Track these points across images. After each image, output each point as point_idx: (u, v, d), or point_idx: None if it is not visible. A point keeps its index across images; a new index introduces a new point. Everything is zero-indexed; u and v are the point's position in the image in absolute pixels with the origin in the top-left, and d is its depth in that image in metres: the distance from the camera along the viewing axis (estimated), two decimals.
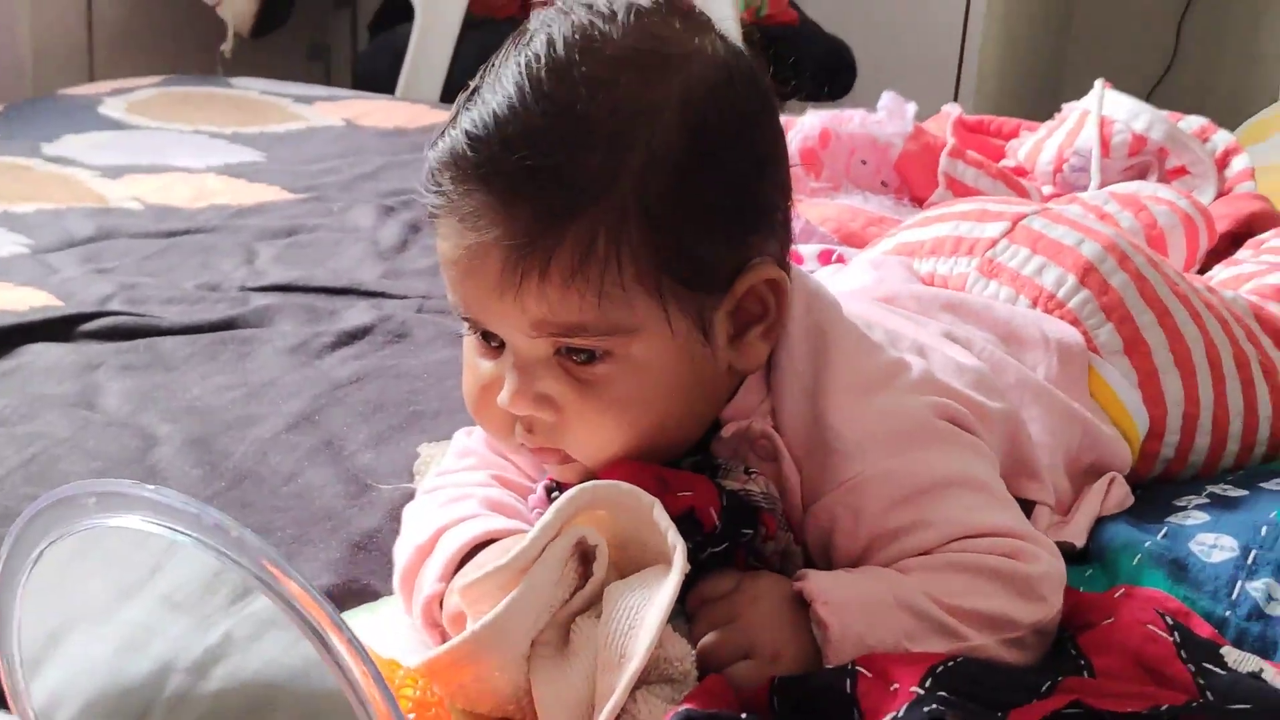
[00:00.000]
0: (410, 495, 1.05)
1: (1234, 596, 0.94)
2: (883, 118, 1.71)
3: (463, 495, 0.96)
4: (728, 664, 0.82)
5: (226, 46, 3.34)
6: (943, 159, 1.66)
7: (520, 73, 0.85)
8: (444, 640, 0.87)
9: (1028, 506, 1.00)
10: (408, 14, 3.22)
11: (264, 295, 1.61)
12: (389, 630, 0.93)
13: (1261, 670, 0.82)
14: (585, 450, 0.90)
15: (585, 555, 0.83)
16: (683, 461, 0.92)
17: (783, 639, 0.83)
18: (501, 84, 0.85)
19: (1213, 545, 0.99)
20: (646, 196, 0.84)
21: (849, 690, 0.77)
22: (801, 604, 0.84)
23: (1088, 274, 1.16)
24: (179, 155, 2.26)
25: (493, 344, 0.90)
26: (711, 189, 0.87)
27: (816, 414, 0.92)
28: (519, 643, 0.80)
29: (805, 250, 1.45)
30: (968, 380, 1.00)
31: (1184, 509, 1.06)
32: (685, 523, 0.84)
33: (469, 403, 0.93)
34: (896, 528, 0.88)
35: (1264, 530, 1.00)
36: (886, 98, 1.73)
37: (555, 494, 0.91)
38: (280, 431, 1.23)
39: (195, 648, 0.67)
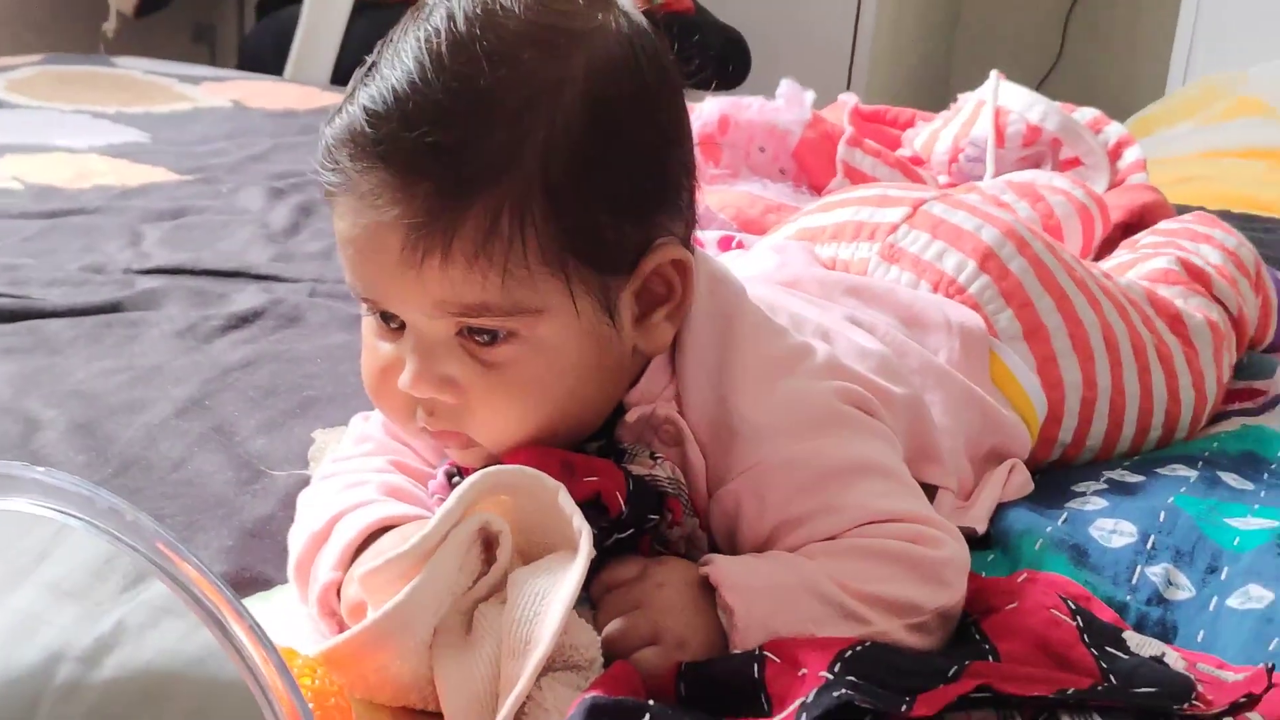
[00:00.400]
0: (305, 482, 1.02)
1: (1134, 581, 0.95)
2: (781, 105, 1.71)
3: (359, 481, 0.94)
4: (633, 650, 0.81)
5: (109, 26, 3.28)
6: (841, 147, 1.66)
7: (420, 48, 0.83)
8: (341, 629, 0.86)
9: (930, 491, 1.00)
10: None
11: (150, 278, 1.57)
12: (284, 619, 0.91)
13: (1164, 654, 0.83)
14: (489, 433, 0.88)
15: (489, 541, 0.81)
16: (587, 446, 0.91)
17: (688, 625, 0.82)
18: (401, 59, 0.83)
19: (1112, 530, 0.99)
20: (551, 174, 0.82)
21: (757, 675, 0.77)
22: (707, 589, 0.83)
23: (987, 259, 1.17)
24: (61, 135, 2.21)
25: (392, 325, 0.88)
26: (616, 166, 0.85)
27: (721, 398, 0.91)
28: (421, 631, 0.78)
29: (705, 236, 1.45)
30: (871, 364, 1.00)
31: (1083, 494, 1.07)
32: (590, 508, 0.83)
33: (368, 386, 0.91)
34: (802, 513, 0.88)
35: (1162, 516, 1.01)
36: (785, 85, 1.73)
37: (456, 479, 0.89)
38: (169, 416, 1.20)
39: (86, 636, 0.65)
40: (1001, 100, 1.73)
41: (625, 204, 0.86)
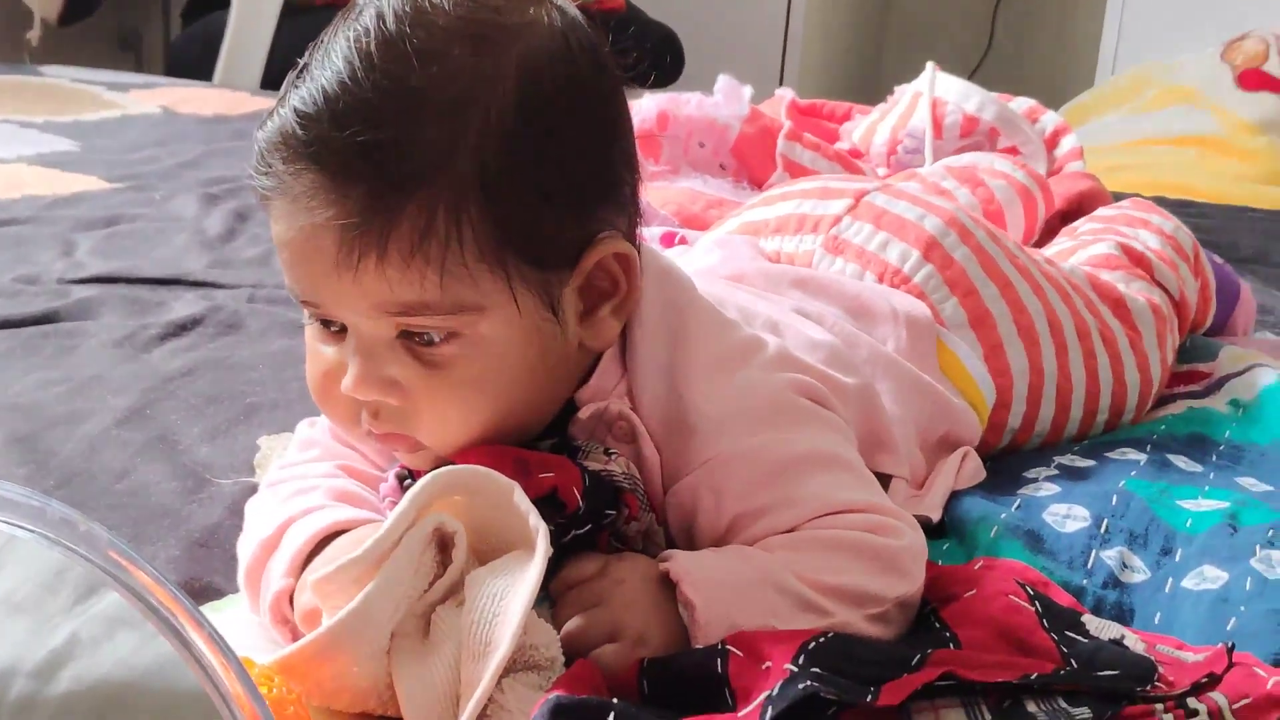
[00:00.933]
0: (251, 490, 1.01)
1: (1089, 565, 0.95)
2: (719, 100, 1.70)
3: (308, 487, 0.93)
4: (593, 648, 0.80)
5: (33, 34, 3.23)
6: (780, 141, 1.66)
7: (350, 47, 0.82)
8: (295, 637, 0.84)
9: (884, 480, 0.99)
10: (221, 1, 3.16)
11: (85, 287, 1.55)
12: (236, 629, 0.89)
13: (1123, 636, 0.83)
14: (435, 435, 0.87)
15: (444, 542, 0.80)
16: (539, 445, 0.90)
17: (649, 620, 0.81)
18: (331, 60, 0.82)
19: (1065, 515, 1.00)
20: (486, 170, 0.81)
21: (720, 670, 0.76)
22: (667, 585, 0.82)
23: (931, 249, 1.17)
24: None
25: (333, 329, 0.87)
26: (553, 161, 0.84)
27: (675, 393, 0.90)
28: (378, 636, 0.77)
29: (647, 233, 1.44)
30: (822, 356, 1.00)
31: (1035, 480, 1.07)
32: (546, 505, 0.82)
33: (313, 391, 0.90)
34: (759, 506, 0.87)
35: (1114, 499, 1.01)
36: (722, 80, 1.73)
37: (408, 482, 0.88)
38: (110, 427, 1.18)
39: (38, 651, 0.63)
40: (938, 91, 1.73)
41: (564, 198, 0.85)
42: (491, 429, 0.87)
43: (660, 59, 3.08)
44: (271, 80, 3.02)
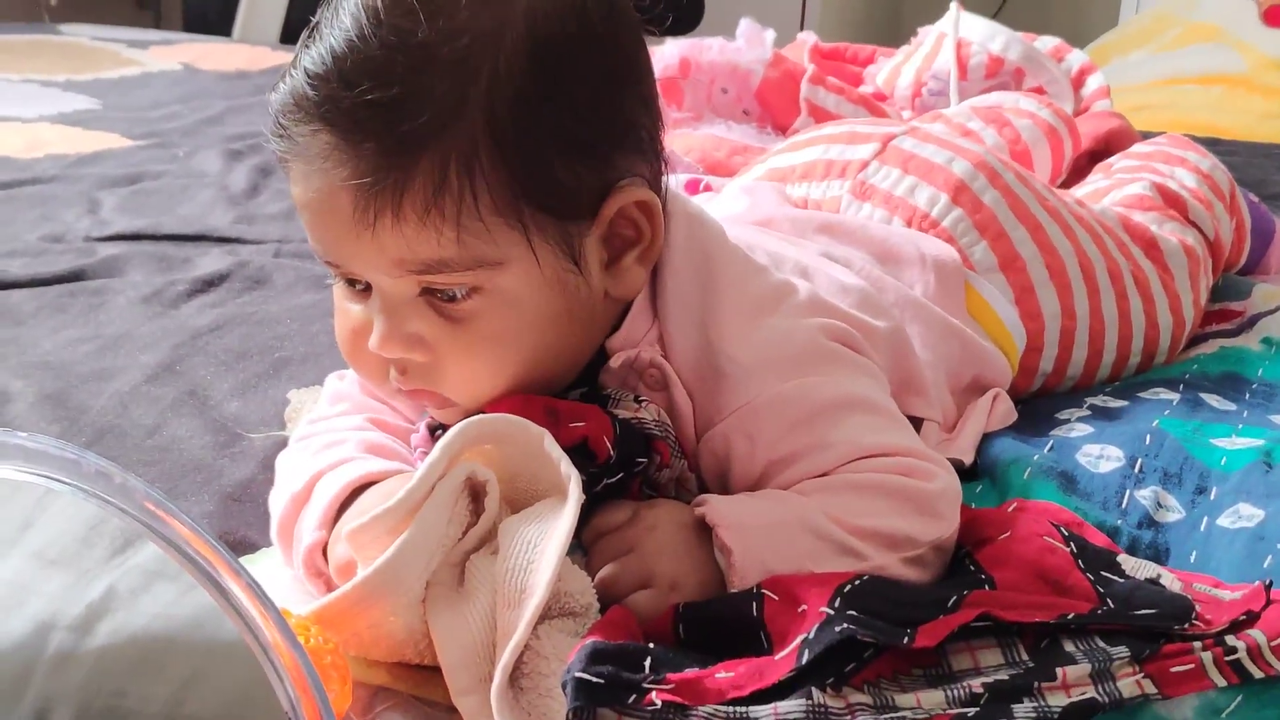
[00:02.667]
0: (282, 444, 1.01)
1: (1124, 505, 0.94)
2: (741, 45, 1.69)
3: (338, 440, 0.93)
4: (627, 594, 0.80)
5: None
6: (804, 85, 1.65)
7: (358, 5, 0.82)
8: (329, 589, 0.84)
9: (915, 424, 0.99)
10: None
11: (111, 245, 1.55)
12: (270, 582, 0.89)
13: (1159, 576, 0.82)
14: (461, 391, 0.87)
15: (476, 491, 0.80)
16: (569, 394, 0.90)
17: (681, 566, 0.81)
18: (340, 18, 0.82)
19: (1099, 456, 0.99)
20: (496, 123, 0.81)
21: (756, 614, 0.76)
22: (700, 530, 0.82)
23: (960, 192, 1.16)
24: (9, 104, 2.18)
25: (359, 287, 0.87)
26: (564, 109, 0.83)
27: (707, 340, 0.90)
28: (413, 586, 0.77)
29: (671, 181, 1.43)
30: (852, 300, 0.99)
31: (1067, 421, 1.07)
32: (577, 454, 0.82)
33: (342, 349, 0.90)
34: (793, 451, 0.87)
35: (1148, 439, 1.00)
36: (744, 25, 1.71)
37: (439, 432, 0.88)
38: (140, 383, 1.19)
39: (76, 605, 0.63)
40: (962, 32, 1.72)
41: (578, 147, 0.84)
42: (518, 382, 0.87)
43: (680, 3, 3.06)
44: (291, 34, 3.01)
